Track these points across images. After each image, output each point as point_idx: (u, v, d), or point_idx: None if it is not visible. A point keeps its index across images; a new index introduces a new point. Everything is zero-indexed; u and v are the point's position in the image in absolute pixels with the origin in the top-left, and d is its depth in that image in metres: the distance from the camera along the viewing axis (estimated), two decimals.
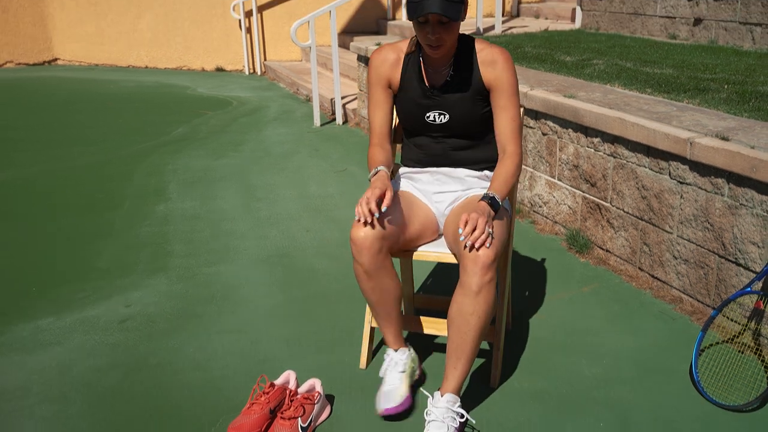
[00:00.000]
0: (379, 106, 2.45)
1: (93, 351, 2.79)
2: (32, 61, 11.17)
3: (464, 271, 2.12)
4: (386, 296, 2.32)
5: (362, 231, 2.20)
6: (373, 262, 2.22)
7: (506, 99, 2.33)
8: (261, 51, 10.18)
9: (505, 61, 2.32)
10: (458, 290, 2.15)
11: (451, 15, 2.13)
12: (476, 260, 2.08)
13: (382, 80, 2.43)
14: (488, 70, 2.32)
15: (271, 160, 5.56)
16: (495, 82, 2.32)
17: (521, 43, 5.92)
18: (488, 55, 2.33)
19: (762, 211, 2.59)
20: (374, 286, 2.28)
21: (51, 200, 4.64)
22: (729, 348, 2.71)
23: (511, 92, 2.33)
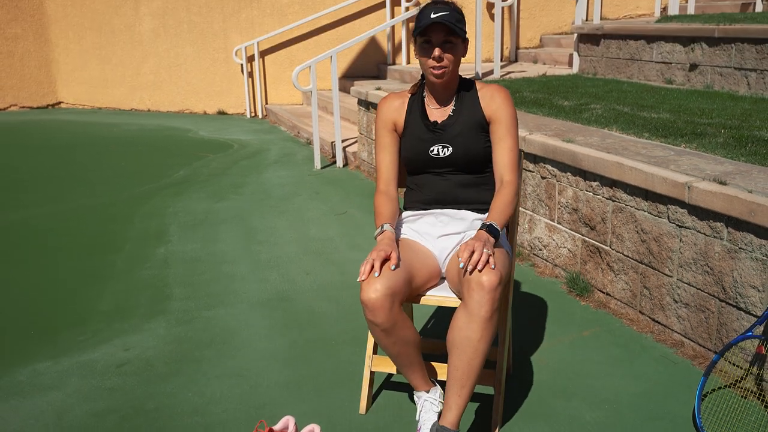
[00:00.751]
0: (386, 149, 2.56)
1: (90, 395, 2.76)
2: (36, 105, 11.30)
3: (470, 297, 2.12)
4: (407, 347, 2.32)
5: (372, 292, 2.18)
6: (389, 319, 2.21)
7: (504, 130, 2.44)
8: (262, 95, 10.31)
9: (504, 96, 2.46)
10: (462, 317, 2.15)
11: (454, 32, 2.32)
12: (482, 285, 2.09)
13: (388, 124, 2.55)
14: (488, 103, 2.46)
15: (271, 202, 5.58)
16: (494, 114, 2.45)
17: (520, 87, 6.00)
18: (488, 91, 2.48)
19: (761, 255, 2.60)
20: (394, 341, 2.27)
21: (52, 242, 4.65)
22: (732, 393, 2.69)
23: (509, 124, 2.44)
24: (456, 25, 2.33)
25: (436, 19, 2.30)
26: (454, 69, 2.43)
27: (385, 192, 2.53)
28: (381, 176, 2.56)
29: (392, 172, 2.56)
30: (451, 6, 2.39)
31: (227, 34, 10.21)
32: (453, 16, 2.34)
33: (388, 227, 2.40)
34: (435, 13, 2.33)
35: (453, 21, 2.33)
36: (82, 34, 11.04)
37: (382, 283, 2.19)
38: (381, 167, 2.57)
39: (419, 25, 2.36)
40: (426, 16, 2.35)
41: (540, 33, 9.24)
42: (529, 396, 2.70)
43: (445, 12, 2.33)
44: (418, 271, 2.38)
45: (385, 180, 2.55)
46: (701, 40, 5.54)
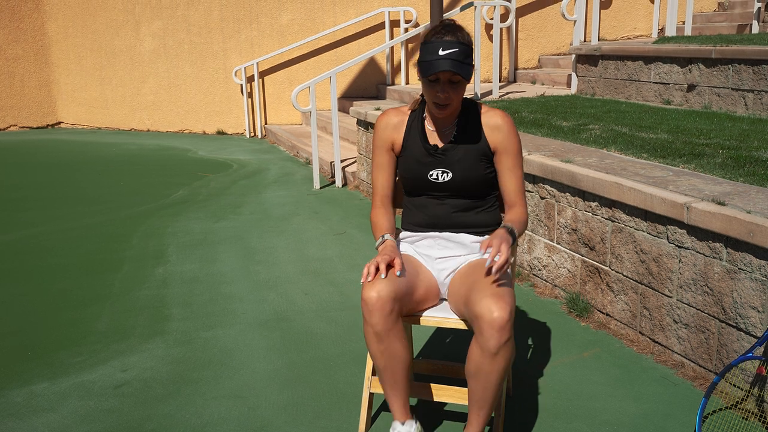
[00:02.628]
0: (383, 169, 2.52)
1: (88, 417, 2.74)
2: (36, 125, 11.33)
3: (481, 334, 2.10)
4: (395, 362, 2.28)
5: (374, 291, 2.19)
6: (385, 323, 2.20)
7: (513, 161, 2.42)
8: (262, 115, 10.34)
9: (509, 126, 2.41)
10: (476, 350, 2.14)
11: (462, 74, 2.21)
12: (492, 323, 2.08)
13: (385, 143, 2.49)
14: (494, 133, 2.40)
15: (270, 222, 5.58)
16: (501, 145, 2.40)
17: (518, 108, 6.03)
18: (493, 119, 2.41)
19: (761, 276, 2.60)
20: (384, 349, 2.24)
21: (51, 261, 4.64)
22: (733, 415, 2.67)
23: (516, 154, 2.42)
24: (465, 64, 2.22)
25: (446, 59, 2.19)
26: (458, 101, 2.35)
27: (382, 207, 2.53)
28: (377, 193, 2.54)
29: (388, 190, 2.53)
30: (460, 37, 2.25)
31: (227, 54, 10.27)
32: (462, 52, 2.22)
33: (389, 237, 2.40)
34: (444, 49, 2.20)
35: (462, 59, 2.21)
36: (82, 55, 11.10)
37: (384, 284, 2.20)
38: (377, 185, 2.54)
39: (426, 59, 2.23)
40: (434, 51, 2.22)
41: (538, 54, 9.30)
42: (530, 418, 2.69)
43: (454, 49, 2.20)
44: (419, 285, 2.37)
45: (381, 197, 2.53)
46: (699, 61, 5.58)
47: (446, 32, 2.24)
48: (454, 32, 2.24)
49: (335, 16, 9.78)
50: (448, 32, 2.24)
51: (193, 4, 10.26)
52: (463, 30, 2.28)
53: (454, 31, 2.24)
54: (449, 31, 2.24)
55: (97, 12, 10.88)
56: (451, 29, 2.25)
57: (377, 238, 2.45)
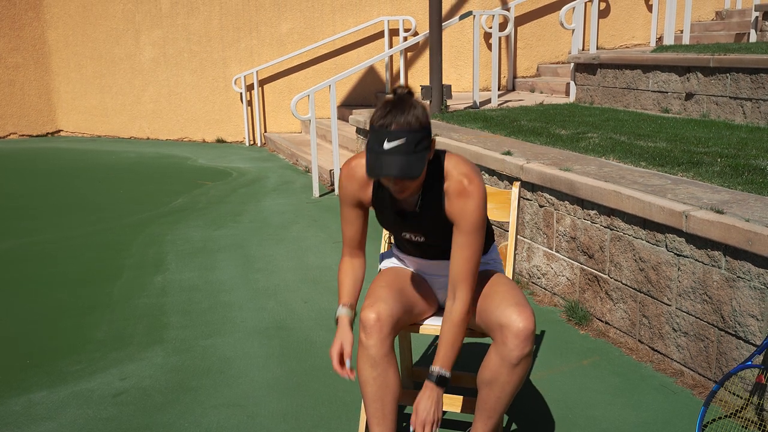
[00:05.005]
0: (351, 222, 2.34)
1: (86, 426, 2.74)
2: (36, 133, 11.35)
3: (503, 343, 2.07)
4: (387, 392, 2.21)
5: (373, 312, 2.18)
6: (381, 347, 2.17)
7: (464, 237, 2.12)
8: (261, 123, 10.36)
9: (466, 199, 2.10)
10: (494, 359, 2.10)
11: (413, 174, 1.95)
12: (519, 334, 2.05)
13: (352, 199, 2.29)
14: (452, 203, 2.14)
15: (269, 230, 5.58)
16: (455, 218, 2.14)
17: (517, 116, 6.04)
18: (453, 185, 2.13)
19: (759, 284, 2.60)
20: (377, 375, 2.19)
21: (50, 269, 4.64)
22: (732, 423, 2.67)
23: (470, 230, 2.11)
24: (416, 153, 1.95)
25: (391, 156, 1.94)
26: (418, 183, 2.09)
27: (350, 259, 2.39)
28: (346, 243, 2.38)
29: (358, 238, 2.36)
30: (410, 120, 1.96)
31: (227, 63, 10.30)
32: (412, 141, 1.95)
33: (344, 312, 2.29)
34: (389, 140, 1.95)
35: (412, 149, 1.95)
36: (82, 64, 11.13)
37: (385, 305, 2.20)
38: (346, 237, 2.37)
39: (370, 153, 1.97)
40: (379, 141, 1.96)
41: (537, 62, 9.33)
42: (529, 427, 2.68)
43: (400, 140, 1.94)
44: (417, 300, 2.37)
45: (351, 247, 2.38)
46: (697, 70, 5.60)
47: (393, 116, 1.97)
48: (403, 113, 1.97)
49: (335, 24, 9.81)
50: (396, 115, 1.97)
51: (194, 13, 10.29)
52: (414, 106, 2.00)
53: (403, 111, 1.97)
54: (397, 112, 1.97)
55: (97, 21, 10.91)
56: (399, 109, 1.98)
57: (339, 296, 2.37)
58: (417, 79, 9.53)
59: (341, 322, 2.29)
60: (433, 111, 6.60)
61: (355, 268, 2.39)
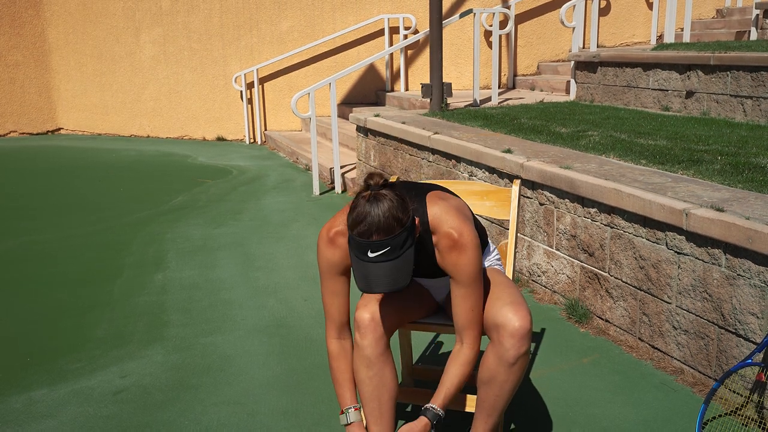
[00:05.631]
0: (337, 294, 2.22)
1: (86, 424, 2.74)
2: (36, 131, 11.34)
3: (500, 343, 2.07)
4: (383, 390, 2.20)
5: (367, 313, 2.17)
6: (376, 347, 2.17)
7: (464, 289, 2.08)
8: (261, 121, 10.36)
9: (462, 251, 2.04)
10: (492, 358, 2.10)
11: (403, 285, 1.91)
12: (514, 333, 2.04)
13: (337, 268, 2.18)
14: (444, 257, 2.08)
15: (270, 228, 5.58)
16: (451, 271, 2.09)
17: (517, 114, 6.04)
18: (444, 242, 2.07)
19: (760, 282, 2.60)
20: (373, 375, 2.18)
21: (50, 268, 4.64)
22: (732, 421, 2.67)
23: (468, 283, 2.07)
24: (399, 257, 1.90)
25: (377, 265, 1.89)
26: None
27: (339, 341, 2.26)
28: (331, 320, 2.24)
29: (345, 316, 2.25)
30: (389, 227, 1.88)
31: (227, 61, 10.29)
32: (395, 245, 1.88)
33: (354, 416, 2.20)
34: (372, 251, 1.88)
35: (397, 253, 1.89)
36: (83, 62, 11.12)
37: (379, 306, 2.19)
38: (331, 313, 2.23)
39: (356, 262, 1.91)
40: (362, 250, 1.89)
41: (537, 60, 9.32)
42: (529, 425, 2.68)
43: (384, 249, 1.88)
44: (412, 299, 2.35)
45: (338, 325, 2.25)
46: (697, 68, 5.59)
47: (371, 223, 1.88)
48: (380, 216, 1.87)
49: (335, 22, 9.80)
50: (373, 221, 1.87)
51: (194, 11, 10.29)
52: (391, 200, 1.90)
53: (380, 214, 1.88)
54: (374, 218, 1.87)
55: (97, 19, 10.91)
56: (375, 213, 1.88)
57: (338, 397, 2.24)
58: (417, 77, 9.52)
59: (355, 429, 2.20)
60: (434, 109, 6.60)
61: (347, 354, 2.26)
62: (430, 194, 2.15)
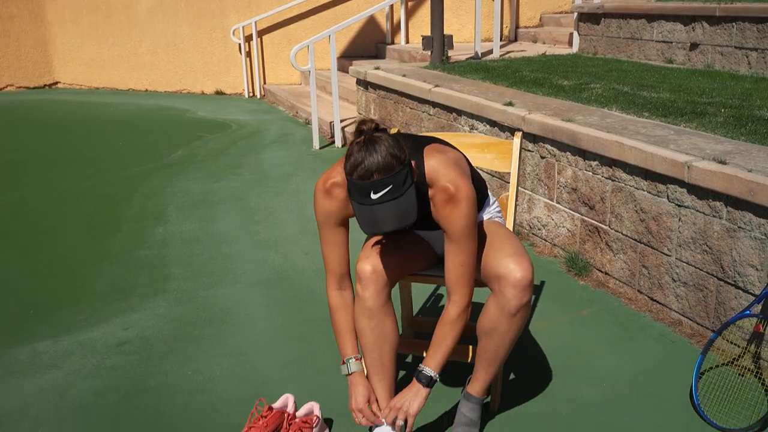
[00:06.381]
0: (336, 245, 2.21)
1: (90, 374, 2.77)
2: (33, 85, 11.23)
3: (502, 294, 2.07)
4: (384, 341, 2.22)
5: (369, 264, 2.16)
6: (377, 299, 2.17)
7: (456, 244, 2.06)
8: (260, 74, 10.25)
9: (456, 204, 2.02)
10: (493, 308, 2.10)
11: (410, 221, 1.90)
12: (516, 284, 2.04)
13: (335, 218, 2.18)
14: (438, 210, 2.07)
15: (270, 182, 5.57)
16: (444, 224, 2.07)
17: (519, 67, 5.97)
18: (440, 195, 2.05)
19: (760, 235, 2.60)
20: (374, 326, 2.19)
21: (49, 222, 4.64)
22: (729, 371, 2.70)
23: (460, 237, 2.04)
24: (402, 196, 1.89)
25: (382, 206, 1.88)
26: None
27: (340, 292, 2.26)
28: (331, 272, 2.24)
29: (345, 267, 2.24)
30: (388, 165, 1.87)
31: (225, 13, 10.13)
32: (398, 185, 1.87)
33: (355, 365, 2.21)
34: (375, 191, 1.87)
35: (399, 192, 1.88)
36: (78, 14, 10.95)
37: (380, 257, 2.19)
38: (332, 262, 2.23)
39: (359, 207, 1.90)
40: (363, 192, 1.87)
41: (540, 12, 9.18)
42: (528, 374, 2.72)
43: (385, 189, 1.87)
44: (413, 251, 2.36)
45: (338, 276, 2.24)
46: (702, 19, 5.51)
47: (370, 164, 1.87)
48: (378, 156, 1.87)
49: None
50: (372, 162, 1.87)
51: None
52: (386, 141, 1.90)
53: (378, 154, 1.88)
54: (372, 159, 1.87)
55: None
56: (373, 154, 1.87)
57: (340, 347, 2.25)
58: (418, 30, 9.39)
59: (357, 379, 2.21)
60: (434, 61, 6.52)
61: (348, 306, 2.26)
62: (427, 147, 2.12)
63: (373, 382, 2.26)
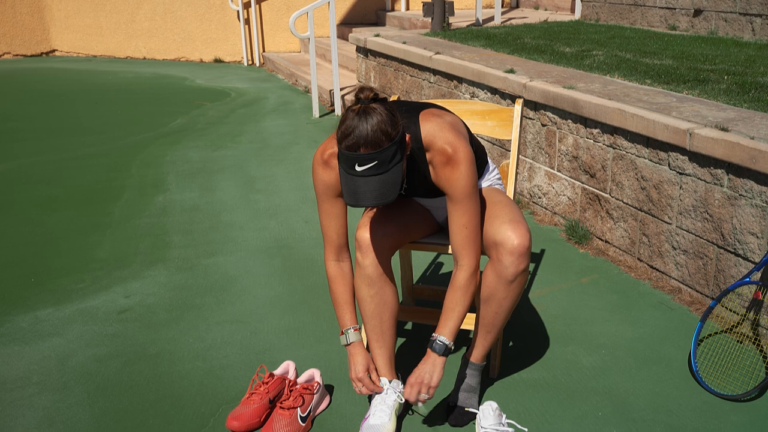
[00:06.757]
0: (333, 217, 2.19)
1: (92, 341, 2.79)
2: (30, 53, 11.14)
3: (499, 261, 2.08)
4: (385, 308, 2.22)
5: (369, 232, 2.17)
6: (377, 266, 2.17)
7: (458, 205, 2.04)
8: (259, 42, 10.15)
9: (455, 165, 2.01)
10: (491, 275, 2.11)
11: (389, 200, 1.89)
12: (513, 251, 2.05)
13: (332, 190, 2.15)
14: (438, 173, 2.06)
15: (269, 151, 5.55)
16: (445, 187, 2.05)
17: (521, 34, 5.91)
18: (438, 157, 2.04)
19: (761, 202, 2.59)
20: (374, 294, 2.20)
21: (49, 191, 4.64)
22: (727, 338, 2.71)
23: (462, 198, 2.03)
24: (388, 171, 1.87)
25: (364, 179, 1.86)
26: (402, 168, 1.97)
27: (338, 263, 2.24)
28: (330, 242, 2.22)
29: (343, 238, 2.22)
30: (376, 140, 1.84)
31: None
32: (383, 159, 1.85)
33: (356, 337, 2.20)
34: (360, 164, 1.85)
35: (384, 168, 1.86)
36: None
37: (380, 225, 2.19)
38: (330, 233, 2.21)
39: (344, 176, 1.89)
40: (349, 164, 1.86)
41: None
42: (528, 341, 2.73)
43: (371, 163, 1.85)
44: (413, 219, 2.35)
45: (336, 247, 2.23)
46: None
47: (358, 137, 1.84)
48: (368, 130, 1.83)
49: None
50: (361, 134, 1.83)
51: None
52: (380, 114, 1.85)
53: (368, 128, 1.83)
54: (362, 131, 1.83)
55: None
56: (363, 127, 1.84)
57: (338, 318, 2.24)
58: None
59: (355, 349, 2.20)
60: (435, 28, 6.45)
61: (346, 276, 2.25)
62: (423, 112, 2.10)
63: (373, 349, 2.27)
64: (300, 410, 2.22)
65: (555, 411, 2.30)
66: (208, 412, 2.32)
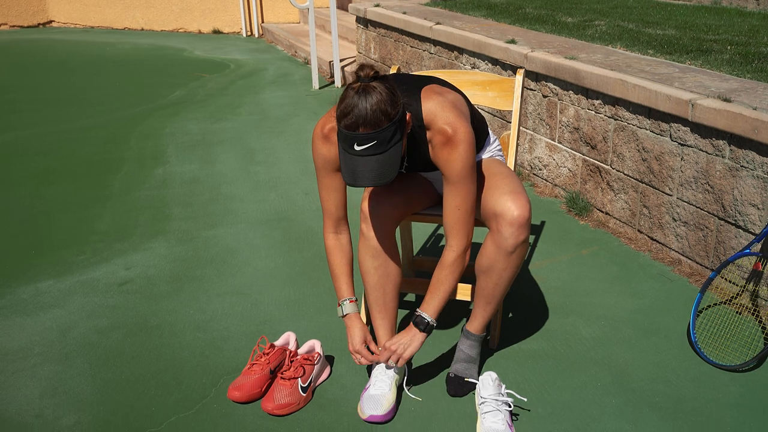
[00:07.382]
0: (332, 190, 2.19)
1: (93, 313, 2.80)
2: (27, 24, 11.04)
3: (499, 232, 2.07)
4: (388, 280, 2.24)
5: (374, 204, 2.17)
6: (382, 238, 2.17)
7: (453, 186, 2.03)
8: (258, 13, 10.05)
9: (454, 146, 1.99)
10: (491, 247, 2.11)
11: (387, 180, 1.88)
12: (513, 222, 2.04)
13: (331, 164, 2.14)
14: (437, 152, 2.04)
15: (269, 123, 5.52)
16: (442, 166, 2.04)
17: (522, 3, 5.85)
18: (438, 137, 2.02)
19: (763, 173, 2.58)
20: (378, 265, 2.21)
21: (49, 163, 4.62)
22: (727, 309, 2.72)
23: (457, 179, 2.02)
24: (387, 151, 1.86)
25: (363, 159, 1.85)
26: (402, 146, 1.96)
27: (336, 235, 2.24)
28: (328, 215, 2.22)
29: (342, 210, 2.22)
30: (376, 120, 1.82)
31: None
32: (382, 139, 1.84)
33: (352, 309, 2.21)
34: (359, 144, 1.84)
35: (383, 148, 1.85)
36: None
37: (384, 197, 2.18)
38: (329, 207, 2.21)
39: (343, 155, 1.88)
40: (348, 143, 1.85)
41: None
42: (527, 313, 2.74)
43: (371, 142, 1.83)
44: (416, 191, 2.35)
45: (335, 219, 2.23)
46: None
47: (358, 116, 1.82)
48: (368, 109, 1.81)
49: None
50: (361, 114, 1.82)
51: None
52: (380, 93, 1.83)
53: (368, 107, 1.81)
54: (361, 110, 1.82)
55: None
56: (363, 106, 1.82)
57: (336, 290, 2.25)
58: None
59: (352, 321, 2.20)
60: None
61: (344, 248, 2.25)
62: (425, 88, 2.08)
63: (375, 320, 2.28)
64: (301, 381, 2.24)
65: (554, 381, 2.32)
66: (210, 383, 2.34)
